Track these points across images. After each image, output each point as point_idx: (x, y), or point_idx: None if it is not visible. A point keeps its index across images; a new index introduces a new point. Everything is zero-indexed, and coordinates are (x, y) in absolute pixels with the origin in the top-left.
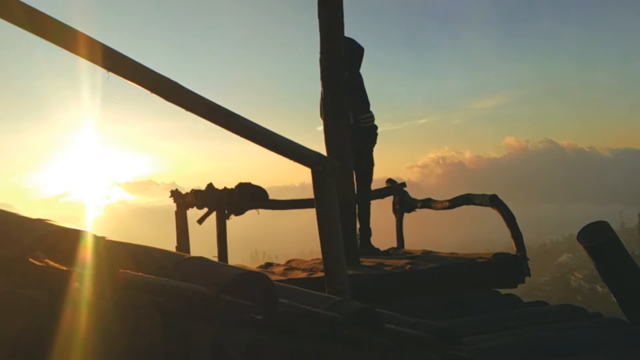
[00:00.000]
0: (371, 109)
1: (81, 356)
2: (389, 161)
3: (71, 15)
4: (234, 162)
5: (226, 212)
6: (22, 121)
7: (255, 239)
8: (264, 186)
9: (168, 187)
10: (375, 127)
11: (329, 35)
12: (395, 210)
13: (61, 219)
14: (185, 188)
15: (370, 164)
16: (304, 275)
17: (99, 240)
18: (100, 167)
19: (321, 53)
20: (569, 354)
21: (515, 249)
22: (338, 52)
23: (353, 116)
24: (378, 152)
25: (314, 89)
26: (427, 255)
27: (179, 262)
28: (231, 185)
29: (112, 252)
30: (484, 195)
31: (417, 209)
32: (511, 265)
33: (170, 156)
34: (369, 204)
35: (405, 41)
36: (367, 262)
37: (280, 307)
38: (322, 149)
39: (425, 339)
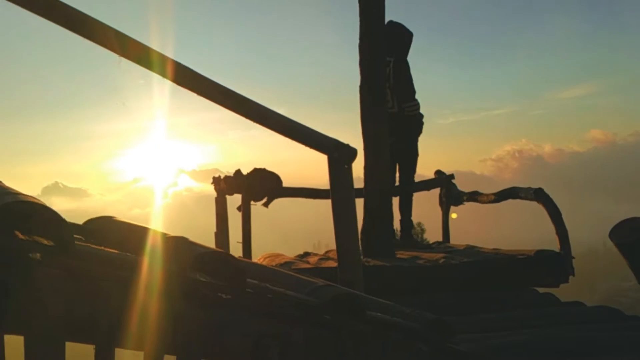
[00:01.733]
0: (444, 97)
1: (27, 325)
2: (460, 153)
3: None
4: (306, 152)
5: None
6: (104, 109)
7: (320, 231)
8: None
9: None
10: (421, 116)
11: (368, 18)
12: (441, 203)
13: (131, 203)
14: None
15: (414, 154)
16: (335, 264)
17: (48, 211)
18: (170, 155)
19: (360, 38)
20: (579, 354)
21: (559, 246)
22: (378, 36)
23: (398, 104)
24: (448, 144)
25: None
26: (468, 250)
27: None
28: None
29: (69, 226)
30: (529, 188)
31: (464, 202)
32: (553, 263)
33: (237, 145)
34: (412, 195)
35: (482, 25)
36: (402, 254)
37: (251, 288)
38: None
39: (414, 330)
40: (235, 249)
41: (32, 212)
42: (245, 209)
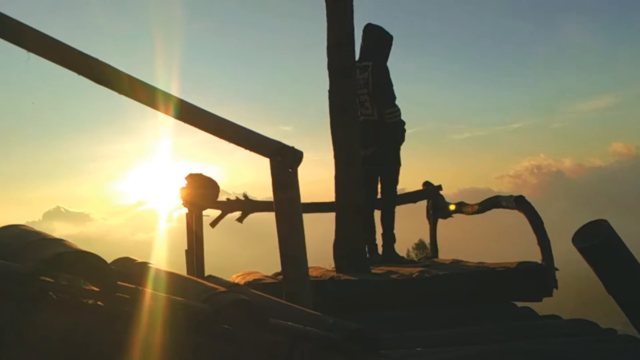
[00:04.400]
0: (459, 112)
1: None
2: (476, 170)
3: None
4: (322, 171)
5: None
6: (106, 130)
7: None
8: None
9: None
10: (402, 123)
11: (335, 18)
12: (428, 216)
13: (135, 227)
14: (258, 198)
15: (396, 164)
16: None
17: None
18: (174, 176)
19: (328, 39)
20: None
21: (541, 257)
22: (346, 38)
23: (377, 111)
24: (463, 161)
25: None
26: (452, 264)
27: (28, 243)
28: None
29: None
30: (511, 196)
31: (452, 215)
32: (534, 275)
33: (243, 165)
34: (394, 208)
35: (497, 37)
36: (378, 269)
37: (126, 293)
38: None
39: (331, 340)
40: (219, 267)
41: None
42: (196, 222)
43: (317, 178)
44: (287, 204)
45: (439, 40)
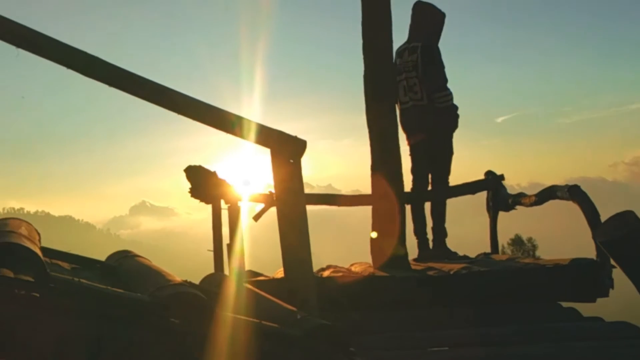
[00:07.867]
0: (566, 92)
1: None
2: (587, 157)
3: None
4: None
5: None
6: (188, 123)
7: None
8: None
9: (324, 190)
10: (455, 108)
11: None
12: (488, 209)
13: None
14: (341, 190)
15: (449, 152)
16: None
17: None
18: (259, 169)
19: (362, 19)
20: None
21: (595, 253)
22: (382, 17)
23: (427, 95)
24: (571, 147)
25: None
26: (505, 261)
27: None
28: None
29: None
30: (565, 186)
31: (516, 207)
32: (587, 274)
33: (328, 156)
34: (445, 200)
35: (610, 5)
36: (418, 266)
37: (57, 283)
38: None
39: (288, 336)
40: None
41: None
42: (214, 214)
43: None
44: (288, 197)
45: (542, 13)
